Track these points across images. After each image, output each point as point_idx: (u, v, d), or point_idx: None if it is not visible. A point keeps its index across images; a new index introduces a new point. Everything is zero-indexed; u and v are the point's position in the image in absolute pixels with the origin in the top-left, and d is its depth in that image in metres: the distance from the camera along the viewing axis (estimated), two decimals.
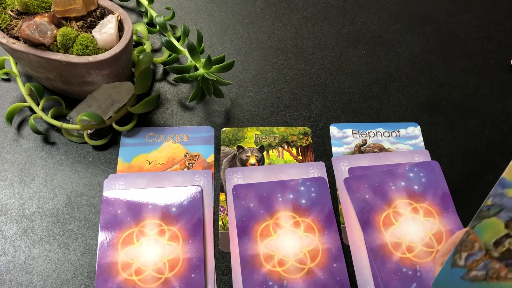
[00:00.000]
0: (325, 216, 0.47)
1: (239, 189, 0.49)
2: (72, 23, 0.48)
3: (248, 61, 0.60)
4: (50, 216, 0.47)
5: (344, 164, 0.51)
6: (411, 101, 0.57)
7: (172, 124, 0.54)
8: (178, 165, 0.51)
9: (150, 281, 0.43)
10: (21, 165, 0.50)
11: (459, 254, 0.34)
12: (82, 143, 0.51)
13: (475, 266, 0.33)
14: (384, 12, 0.66)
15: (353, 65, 0.60)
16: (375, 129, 0.55)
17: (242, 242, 0.45)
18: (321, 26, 0.64)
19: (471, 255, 0.33)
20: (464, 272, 0.34)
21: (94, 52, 0.46)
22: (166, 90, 0.57)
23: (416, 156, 0.52)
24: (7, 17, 0.47)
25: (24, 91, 0.51)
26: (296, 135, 0.54)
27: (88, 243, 0.45)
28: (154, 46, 0.60)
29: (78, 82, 0.49)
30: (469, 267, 0.33)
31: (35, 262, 0.44)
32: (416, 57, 0.62)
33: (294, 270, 0.44)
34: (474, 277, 0.33)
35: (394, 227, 0.47)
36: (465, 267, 0.33)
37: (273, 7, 0.65)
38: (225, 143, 0.53)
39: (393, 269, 0.44)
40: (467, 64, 0.61)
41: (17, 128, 0.52)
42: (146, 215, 0.46)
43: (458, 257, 0.34)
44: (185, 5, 0.64)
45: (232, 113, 0.55)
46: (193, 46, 0.50)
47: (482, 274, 0.33)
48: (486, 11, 0.67)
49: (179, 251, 0.44)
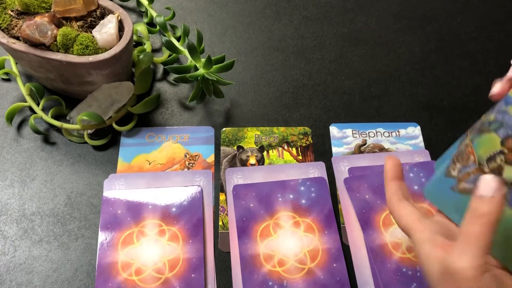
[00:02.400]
0: (325, 216, 0.47)
1: (239, 189, 0.49)
2: (72, 23, 0.48)
3: (248, 61, 0.60)
4: (50, 216, 0.47)
5: (344, 164, 0.51)
6: (411, 101, 0.57)
7: (172, 124, 0.54)
8: (178, 165, 0.51)
9: (150, 281, 0.43)
10: (21, 165, 0.50)
11: (454, 165, 0.34)
12: (82, 143, 0.51)
13: (465, 178, 0.33)
14: (384, 12, 0.66)
15: (353, 65, 0.60)
16: (375, 129, 0.55)
17: (242, 242, 0.45)
18: (321, 26, 0.64)
19: (465, 167, 0.33)
20: (455, 182, 0.33)
21: (94, 52, 0.46)
22: (166, 90, 0.57)
23: (416, 156, 0.52)
24: (7, 17, 0.47)
25: (24, 91, 0.51)
26: (296, 135, 0.54)
27: (88, 243, 0.45)
28: (154, 46, 0.60)
29: (78, 82, 0.48)
30: (460, 179, 0.33)
31: (35, 262, 0.44)
32: (416, 57, 0.62)
33: (294, 270, 0.44)
34: (463, 189, 0.33)
35: (394, 227, 0.47)
36: (457, 178, 0.33)
37: (273, 7, 0.65)
38: (225, 143, 0.53)
39: (393, 269, 0.44)
40: (467, 64, 0.61)
41: (17, 128, 0.52)
42: (146, 215, 0.46)
43: (453, 168, 0.34)
44: (185, 5, 0.64)
45: (232, 113, 0.55)
46: (193, 46, 0.50)
47: (471, 187, 0.32)
48: (486, 11, 0.67)
49: (179, 251, 0.44)
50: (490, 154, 0.31)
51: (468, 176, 0.33)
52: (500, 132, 0.30)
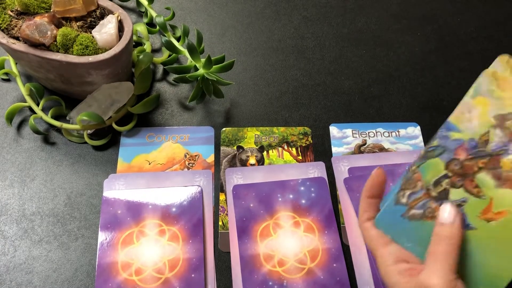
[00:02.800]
0: (325, 216, 0.47)
1: (239, 189, 0.49)
2: (72, 23, 0.48)
3: (248, 61, 0.60)
4: (50, 216, 0.47)
5: (344, 164, 0.51)
6: (411, 101, 0.57)
7: (172, 124, 0.54)
8: (178, 165, 0.51)
9: (150, 281, 0.43)
10: (21, 165, 0.50)
11: (403, 192, 0.35)
12: (82, 143, 0.51)
13: (415, 204, 0.34)
14: (384, 12, 0.66)
15: (353, 65, 0.60)
16: (375, 129, 0.55)
17: (242, 242, 0.45)
18: (321, 26, 0.64)
19: (413, 193, 0.34)
20: (405, 210, 0.35)
21: (94, 52, 0.46)
22: (166, 90, 0.57)
23: (416, 156, 0.52)
24: (7, 17, 0.47)
25: (24, 91, 0.51)
26: (296, 135, 0.54)
27: (88, 243, 0.45)
28: (154, 46, 0.60)
29: (78, 82, 0.49)
30: (410, 205, 0.34)
31: (35, 262, 0.44)
32: (416, 57, 0.62)
33: (294, 270, 0.44)
34: (412, 215, 0.34)
35: None
36: (407, 205, 0.35)
37: (273, 7, 0.65)
38: (225, 143, 0.53)
39: None
40: (467, 64, 0.61)
41: (17, 128, 0.52)
42: (146, 215, 0.46)
43: (402, 195, 0.35)
44: (185, 5, 0.64)
45: (232, 113, 0.55)
46: (193, 46, 0.50)
47: (420, 213, 0.34)
48: (486, 11, 0.67)
49: (179, 251, 0.44)
50: (436, 178, 0.33)
51: (417, 202, 0.34)
52: (444, 156, 0.33)
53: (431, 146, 0.33)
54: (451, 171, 0.32)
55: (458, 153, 0.32)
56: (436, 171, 0.33)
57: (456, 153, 0.32)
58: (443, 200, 0.33)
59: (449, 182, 0.32)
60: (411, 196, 0.34)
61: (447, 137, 0.33)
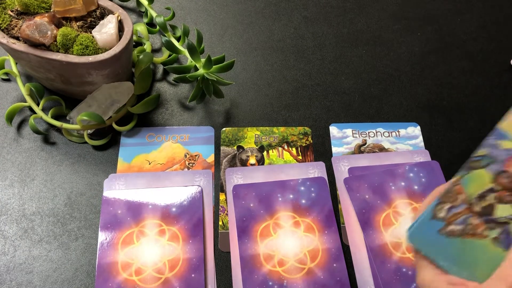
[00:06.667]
0: (325, 216, 0.47)
1: (239, 189, 0.49)
2: (72, 23, 0.48)
3: (248, 61, 0.60)
4: (50, 216, 0.47)
5: (344, 164, 0.51)
6: (411, 101, 0.57)
7: (172, 124, 0.54)
8: (178, 165, 0.51)
9: (150, 281, 0.43)
10: (21, 165, 0.50)
11: (441, 206, 0.32)
12: (82, 143, 0.51)
13: (454, 219, 0.31)
14: (384, 12, 0.66)
15: (353, 65, 0.60)
16: (375, 129, 0.55)
17: (242, 242, 0.45)
18: (321, 26, 0.64)
19: (453, 207, 0.31)
20: (442, 225, 0.31)
21: (94, 52, 0.46)
22: (166, 90, 0.57)
23: (416, 156, 0.52)
24: (7, 17, 0.47)
25: (24, 91, 0.51)
26: (296, 135, 0.54)
27: (88, 243, 0.45)
28: (154, 46, 0.60)
29: (78, 82, 0.49)
30: (448, 221, 0.31)
31: (35, 262, 0.44)
32: (416, 57, 0.62)
33: (294, 270, 0.44)
34: (450, 231, 0.31)
35: (394, 227, 0.47)
36: (445, 220, 0.31)
37: (273, 7, 0.65)
38: (225, 143, 0.53)
39: (393, 269, 0.44)
40: (467, 64, 0.61)
41: (17, 128, 0.52)
42: (146, 215, 0.46)
43: (440, 209, 0.32)
44: (185, 5, 0.64)
45: (232, 113, 0.55)
46: (193, 46, 0.50)
47: (459, 229, 0.30)
48: (486, 11, 0.67)
49: (179, 251, 0.44)
50: (481, 192, 0.30)
51: (457, 217, 0.31)
52: (492, 167, 0.29)
53: (477, 156, 0.30)
54: (499, 185, 0.29)
55: (509, 164, 0.29)
56: (481, 183, 0.30)
57: (506, 165, 0.29)
58: (487, 216, 0.29)
59: (496, 197, 0.29)
60: (450, 210, 0.31)
61: (496, 146, 0.29)
